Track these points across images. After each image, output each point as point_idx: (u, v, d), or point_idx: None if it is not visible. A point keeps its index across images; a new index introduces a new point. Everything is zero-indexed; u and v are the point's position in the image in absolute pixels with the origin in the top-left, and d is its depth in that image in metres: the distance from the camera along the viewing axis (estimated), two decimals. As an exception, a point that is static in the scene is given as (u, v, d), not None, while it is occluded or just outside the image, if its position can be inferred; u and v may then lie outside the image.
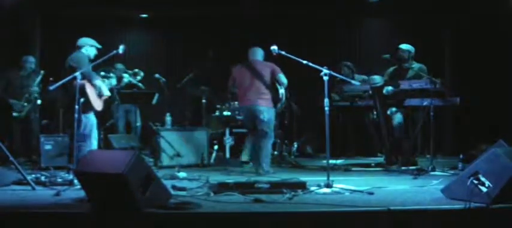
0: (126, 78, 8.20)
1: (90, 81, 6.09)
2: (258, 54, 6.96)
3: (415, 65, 7.35)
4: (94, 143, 6.34)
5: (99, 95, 6.29)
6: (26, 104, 7.80)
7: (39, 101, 7.95)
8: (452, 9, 9.34)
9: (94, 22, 10.07)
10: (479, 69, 8.97)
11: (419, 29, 9.69)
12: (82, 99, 5.72)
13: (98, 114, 6.46)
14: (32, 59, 8.17)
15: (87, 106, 6.03)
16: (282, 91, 6.91)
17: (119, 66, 8.90)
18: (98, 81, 6.25)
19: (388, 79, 7.40)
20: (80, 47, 6.37)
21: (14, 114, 7.73)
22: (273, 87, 6.84)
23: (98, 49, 6.53)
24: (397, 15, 10.25)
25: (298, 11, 9.94)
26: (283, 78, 6.81)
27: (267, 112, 6.74)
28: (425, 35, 9.37)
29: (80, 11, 9.59)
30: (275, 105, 6.89)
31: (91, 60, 6.33)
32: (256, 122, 6.77)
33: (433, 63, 7.77)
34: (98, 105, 6.28)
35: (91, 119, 6.28)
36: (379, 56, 7.62)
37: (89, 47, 6.41)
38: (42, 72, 7.96)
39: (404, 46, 7.48)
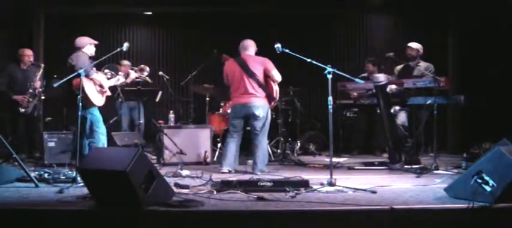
0: (133, 74, 8.21)
1: (87, 76, 6.10)
2: (249, 47, 6.66)
3: (422, 64, 7.37)
4: (102, 139, 6.35)
5: (101, 90, 6.31)
6: (31, 99, 7.74)
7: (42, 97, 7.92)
8: (456, 6, 9.31)
9: (98, 20, 10.12)
10: (484, 68, 8.95)
11: (422, 26, 9.67)
12: (79, 95, 5.73)
13: (101, 111, 6.48)
14: (29, 51, 7.95)
15: (86, 101, 6.04)
16: (276, 88, 6.61)
17: (126, 62, 8.95)
18: (96, 75, 6.27)
19: (397, 77, 7.42)
20: (79, 48, 6.39)
21: (21, 110, 7.66)
22: (267, 83, 6.56)
23: (99, 45, 6.60)
24: (400, 12, 10.24)
25: (301, 9, 9.92)
26: (276, 75, 6.54)
27: (262, 109, 6.48)
28: (429, 33, 9.35)
29: (84, 9, 9.60)
30: (269, 103, 6.61)
31: (92, 57, 6.38)
32: (250, 121, 6.52)
33: (437, 61, 7.77)
34: (97, 100, 6.29)
35: (95, 115, 6.31)
36: (383, 54, 7.62)
37: (88, 46, 6.45)
38: (42, 65, 7.93)
39: (413, 44, 7.51)
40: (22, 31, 9.25)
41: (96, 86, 6.31)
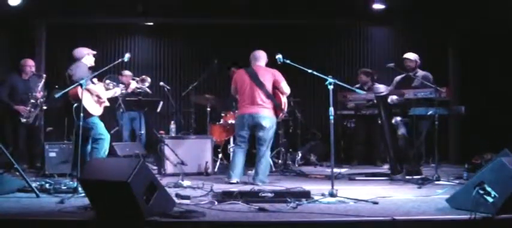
0: (133, 84, 8.26)
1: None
2: (261, 59, 6.70)
3: (420, 73, 7.38)
4: (105, 145, 6.37)
5: (98, 100, 6.33)
6: (32, 109, 7.74)
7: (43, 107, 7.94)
8: (457, 17, 9.33)
9: (99, 30, 10.15)
10: (484, 78, 8.95)
11: (423, 37, 9.69)
12: (75, 105, 5.74)
13: (102, 121, 6.49)
14: (30, 62, 7.98)
15: (84, 112, 6.03)
16: (284, 100, 6.64)
17: (127, 72, 8.97)
18: (93, 86, 6.29)
19: (395, 87, 7.43)
20: (79, 58, 6.41)
21: (22, 120, 7.67)
22: (275, 95, 6.57)
23: (97, 54, 6.64)
24: (401, 23, 10.26)
25: (301, 20, 9.94)
26: (285, 87, 6.57)
27: (270, 120, 6.49)
28: (429, 43, 9.36)
29: (86, 19, 9.62)
30: (276, 115, 6.62)
31: (92, 68, 6.40)
32: (256, 131, 6.52)
33: (438, 71, 7.77)
34: (95, 110, 6.32)
35: (95, 122, 6.33)
36: (383, 64, 7.63)
37: (87, 57, 6.48)
38: (44, 76, 7.95)
39: (410, 55, 7.53)
40: (23, 39, 9.28)
41: (94, 96, 6.32)
